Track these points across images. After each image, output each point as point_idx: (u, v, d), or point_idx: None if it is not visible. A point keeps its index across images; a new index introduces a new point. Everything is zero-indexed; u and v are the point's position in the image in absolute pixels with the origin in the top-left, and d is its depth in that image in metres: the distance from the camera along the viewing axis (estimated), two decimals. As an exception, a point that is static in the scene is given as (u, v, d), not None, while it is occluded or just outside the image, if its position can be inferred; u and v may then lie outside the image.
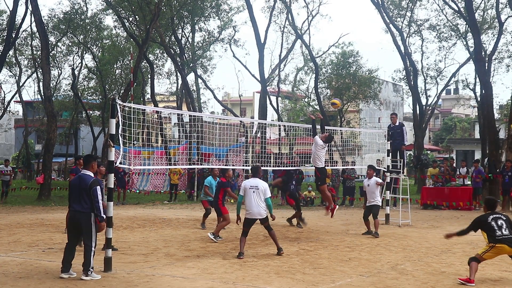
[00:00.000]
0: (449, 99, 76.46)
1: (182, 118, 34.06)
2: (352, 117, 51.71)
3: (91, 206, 8.58)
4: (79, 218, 8.62)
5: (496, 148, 24.49)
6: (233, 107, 56.59)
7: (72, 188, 8.86)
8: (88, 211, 8.60)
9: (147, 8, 29.15)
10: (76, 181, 8.84)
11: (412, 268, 9.75)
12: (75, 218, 8.70)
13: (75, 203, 8.69)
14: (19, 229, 14.58)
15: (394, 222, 16.43)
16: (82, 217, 8.60)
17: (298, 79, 45.62)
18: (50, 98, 26.36)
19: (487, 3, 34.86)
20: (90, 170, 8.89)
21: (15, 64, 42.64)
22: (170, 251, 11.21)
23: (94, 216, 8.62)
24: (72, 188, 8.85)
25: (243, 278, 8.78)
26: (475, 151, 42.86)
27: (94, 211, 8.58)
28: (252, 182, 10.82)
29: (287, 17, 36.77)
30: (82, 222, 8.60)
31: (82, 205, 8.59)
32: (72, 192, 8.82)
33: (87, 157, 9.16)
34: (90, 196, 8.56)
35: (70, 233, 8.89)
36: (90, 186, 8.57)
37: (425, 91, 39.07)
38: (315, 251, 11.47)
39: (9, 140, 63.44)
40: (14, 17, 27.95)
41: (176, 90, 42.50)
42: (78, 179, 8.79)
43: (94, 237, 8.66)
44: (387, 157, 16.75)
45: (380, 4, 31.09)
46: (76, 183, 8.77)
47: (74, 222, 8.71)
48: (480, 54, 26.28)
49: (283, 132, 34.58)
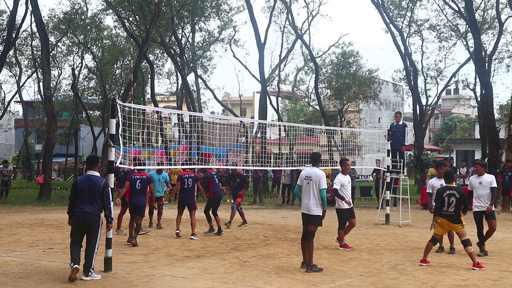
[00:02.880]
0: (449, 99, 76.48)
1: (182, 118, 34.09)
2: (352, 117, 51.73)
3: (102, 207, 8.53)
4: (91, 219, 8.47)
5: (496, 148, 24.49)
6: (233, 107, 56.63)
7: (81, 189, 8.57)
8: (99, 213, 8.52)
9: (147, 8, 29.16)
10: (85, 182, 8.61)
11: (412, 268, 9.75)
12: (85, 219, 8.48)
13: (84, 205, 8.48)
14: (19, 229, 14.58)
15: (394, 222, 16.44)
16: (93, 218, 8.49)
17: (298, 79, 45.66)
18: (50, 98, 26.36)
19: (487, 3, 34.89)
20: (97, 170, 8.80)
21: (15, 64, 42.68)
22: (170, 251, 11.21)
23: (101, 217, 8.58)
24: (81, 189, 8.57)
25: (243, 278, 8.78)
26: (475, 151, 42.86)
27: (106, 212, 8.57)
28: (307, 172, 9.58)
29: (287, 17, 36.78)
30: (94, 223, 8.49)
31: (94, 206, 8.49)
32: (81, 193, 8.55)
33: (93, 158, 8.98)
34: (102, 197, 8.51)
35: (77, 233, 8.54)
36: (103, 188, 8.53)
37: (425, 91, 39.06)
38: (315, 251, 11.45)
39: (9, 140, 63.45)
40: (14, 17, 27.95)
41: (176, 90, 42.52)
42: (88, 180, 8.61)
43: (99, 239, 8.61)
44: (387, 157, 16.76)
45: (380, 4, 31.09)
46: (85, 184, 8.57)
47: (85, 223, 8.49)
48: (480, 54, 26.28)
49: (283, 132, 34.58)
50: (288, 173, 24.63)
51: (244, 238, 13.40)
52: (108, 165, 9.34)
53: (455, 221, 9.88)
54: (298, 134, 30.43)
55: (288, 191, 25.18)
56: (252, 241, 12.92)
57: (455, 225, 9.91)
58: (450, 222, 9.93)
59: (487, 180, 11.17)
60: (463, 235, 9.83)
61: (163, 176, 14.94)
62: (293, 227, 15.76)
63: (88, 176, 8.67)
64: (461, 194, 9.89)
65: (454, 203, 9.84)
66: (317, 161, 9.69)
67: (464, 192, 10.11)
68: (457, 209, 9.86)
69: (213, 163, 24.74)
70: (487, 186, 11.12)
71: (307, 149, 32.35)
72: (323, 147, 33.20)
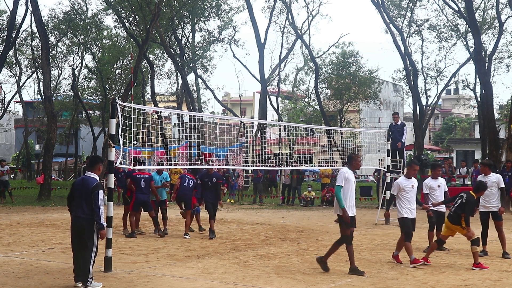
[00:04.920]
0: (449, 99, 76.48)
1: (182, 118, 34.09)
2: (352, 117, 51.76)
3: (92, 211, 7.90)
4: (82, 224, 7.91)
5: (496, 148, 24.50)
6: (233, 107, 56.64)
7: (74, 191, 8.14)
8: (91, 217, 7.90)
9: (147, 8, 29.17)
10: (79, 183, 8.15)
11: (412, 268, 9.75)
12: (77, 223, 7.95)
13: (77, 208, 7.98)
14: (19, 229, 14.57)
15: (394, 222, 16.40)
16: (84, 223, 7.90)
17: (298, 79, 45.70)
18: (50, 98, 26.34)
19: (487, 3, 34.91)
20: (96, 172, 8.21)
21: (15, 64, 42.69)
22: (170, 251, 11.21)
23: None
24: (74, 191, 8.14)
25: (243, 278, 8.78)
26: (475, 151, 42.87)
27: (94, 217, 7.87)
28: (351, 173, 9.25)
29: (287, 17, 36.79)
30: (85, 228, 7.89)
31: (84, 209, 7.91)
32: (74, 195, 8.10)
33: (93, 159, 8.52)
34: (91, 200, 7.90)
35: (74, 239, 8.06)
36: (92, 190, 7.89)
37: (425, 91, 39.07)
38: (315, 251, 11.47)
39: (9, 140, 63.47)
40: (14, 17, 27.94)
41: (176, 90, 42.53)
42: (81, 181, 8.12)
43: (95, 246, 8.02)
44: (387, 157, 16.77)
45: (380, 4, 31.09)
46: (79, 185, 8.10)
47: (77, 228, 7.96)
48: (480, 54, 26.28)
49: (283, 132, 34.59)
50: (288, 173, 24.64)
51: (244, 238, 13.40)
52: (108, 165, 9.35)
53: (454, 221, 9.91)
54: (298, 134, 30.44)
55: (288, 191, 25.18)
56: (252, 241, 12.92)
57: (454, 226, 9.94)
58: (450, 223, 10.01)
59: (493, 180, 11.13)
60: (470, 237, 9.81)
61: (164, 176, 14.87)
62: (293, 227, 15.76)
63: (83, 178, 8.17)
64: (467, 199, 9.89)
65: (457, 204, 9.94)
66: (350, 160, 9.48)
67: (472, 198, 9.99)
68: (458, 211, 9.88)
69: (213, 163, 24.75)
70: (493, 186, 11.07)
71: (307, 149, 32.37)
72: (323, 147, 33.21)
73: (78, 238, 7.97)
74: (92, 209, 7.88)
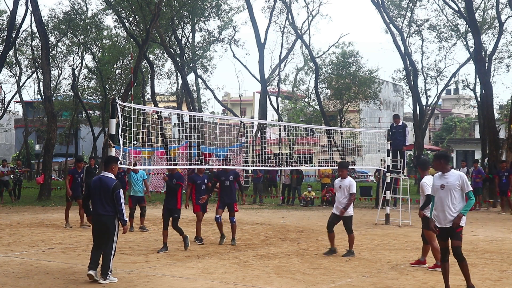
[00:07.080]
0: (449, 99, 76.48)
1: (182, 118, 34.07)
2: (352, 117, 51.75)
3: (114, 209, 8.41)
4: (104, 221, 8.40)
5: (496, 148, 24.50)
6: (233, 107, 56.64)
7: (93, 190, 8.54)
8: (112, 214, 8.42)
9: (147, 8, 29.16)
10: (97, 183, 8.55)
11: (412, 268, 9.75)
12: (100, 221, 8.43)
13: (97, 207, 8.45)
14: (19, 229, 14.58)
15: (394, 222, 16.44)
16: (107, 220, 8.40)
17: (298, 79, 45.68)
18: (50, 98, 26.35)
19: (487, 3, 34.89)
20: (111, 172, 8.62)
21: (15, 64, 42.68)
22: (170, 251, 11.20)
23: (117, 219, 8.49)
24: (93, 191, 8.53)
25: (243, 278, 8.78)
26: (475, 151, 42.92)
27: (118, 214, 8.43)
28: None
29: (287, 17, 36.78)
30: (107, 225, 8.39)
31: (106, 208, 8.39)
32: (94, 195, 8.51)
33: (108, 159, 8.86)
34: (113, 199, 8.39)
35: (94, 236, 8.56)
36: (113, 190, 8.38)
37: (425, 91, 39.07)
38: (315, 251, 11.47)
39: (9, 140, 63.47)
40: (14, 17, 27.94)
41: (176, 90, 42.52)
42: (99, 181, 8.52)
43: (115, 241, 8.52)
44: (387, 157, 16.77)
45: (380, 4, 31.09)
46: (97, 185, 8.51)
47: (99, 226, 8.46)
48: (480, 54, 26.28)
49: (283, 132, 34.60)
50: (288, 173, 24.64)
51: (244, 238, 13.40)
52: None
53: None
54: (298, 134, 30.45)
55: (288, 191, 25.18)
56: (252, 241, 12.92)
57: None
58: None
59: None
60: None
61: (140, 174, 14.81)
62: (293, 227, 15.76)
63: (100, 178, 8.58)
64: None
65: None
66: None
67: None
68: None
69: (213, 163, 24.74)
70: None
71: (307, 149, 32.38)
72: (323, 147, 33.22)
73: (100, 234, 8.49)
74: (113, 207, 8.43)
